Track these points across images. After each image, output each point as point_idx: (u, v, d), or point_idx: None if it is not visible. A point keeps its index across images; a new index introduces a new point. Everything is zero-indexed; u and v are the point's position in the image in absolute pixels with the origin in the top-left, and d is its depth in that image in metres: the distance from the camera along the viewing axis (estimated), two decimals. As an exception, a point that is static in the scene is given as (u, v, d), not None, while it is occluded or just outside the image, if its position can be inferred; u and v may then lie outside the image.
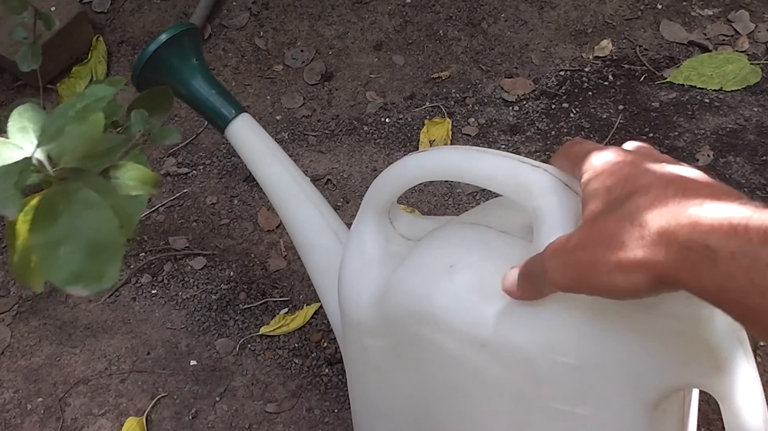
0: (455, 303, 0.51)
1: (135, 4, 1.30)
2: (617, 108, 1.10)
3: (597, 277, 0.39)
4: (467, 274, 0.51)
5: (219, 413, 0.86)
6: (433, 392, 0.57)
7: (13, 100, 1.19)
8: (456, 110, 1.12)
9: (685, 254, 0.36)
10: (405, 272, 0.55)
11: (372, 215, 0.59)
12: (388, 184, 0.57)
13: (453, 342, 0.52)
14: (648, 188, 0.38)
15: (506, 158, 0.51)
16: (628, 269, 0.38)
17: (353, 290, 0.59)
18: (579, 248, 0.40)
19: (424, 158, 0.55)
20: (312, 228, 0.67)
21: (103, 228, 0.31)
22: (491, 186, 0.51)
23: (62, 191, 0.31)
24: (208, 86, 0.68)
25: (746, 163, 1.02)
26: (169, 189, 1.07)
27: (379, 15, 1.24)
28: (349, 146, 1.10)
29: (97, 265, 0.31)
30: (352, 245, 0.60)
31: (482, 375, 0.51)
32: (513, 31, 1.21)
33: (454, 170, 0.53)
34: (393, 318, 0.55)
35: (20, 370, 0.91)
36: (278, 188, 0.68)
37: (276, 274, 0.97)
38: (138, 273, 0.98)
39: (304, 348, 0.90)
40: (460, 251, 0.53)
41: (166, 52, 0.66)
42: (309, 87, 1.18)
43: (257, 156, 0.68)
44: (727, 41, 1.16)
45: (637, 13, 1.21)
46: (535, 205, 0.48)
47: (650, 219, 0.37)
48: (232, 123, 0.68)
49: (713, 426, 0.79)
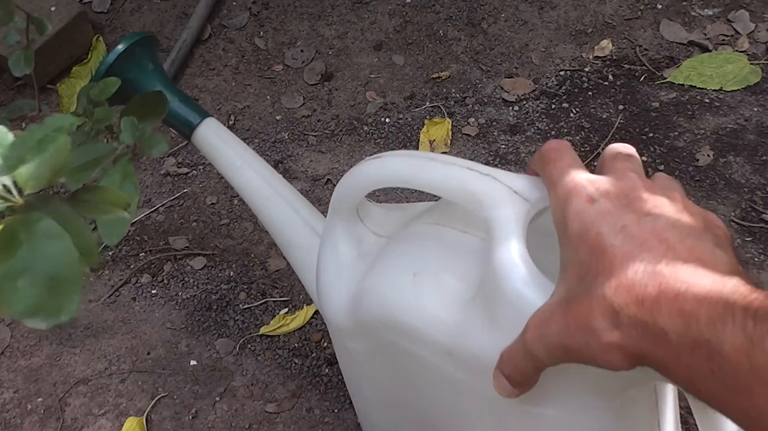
0: (419, 313, 0.51)
1: (135, 4, 1.30)
2: (617, 108, 1.10)
3: (581, 356, 0.40)
4: (430, 282, 0.51)
5: (219, 413, 0.86)
6: (413, 393, 0.57)
7: (13, 100, 1.19)
8: (456, 110, 1.12)
9: (652, 348, 0.37)
10: (372, 281, 0.55)
11: (340, 218, 0.59)
12: (348, 190, 0.57)
13: (422, 350, 0.52)
14: (611, 268, 0.38)
15: (455, 167, 0.50)
16: (606, 352, 0.39)
17: (330, 296, 0.59)
18: (560, 332, 0.41)
19: (376, 165, 0.54)
20: (289, 227, 0.67)
21: (62, 261, 0.31)
22: (444, 195, 0.51)
23: (23, 221, 0.31)
24: (169, 94, 0.67)
25: (746, 163, 1.02)
26: (169, 189, 1.07)
27: (379, 15, 1.24)
28: (349, 146, 1.10)
29: (55, 299, 0.30)
30: (325, 249, 0.60)
31: (453, 380, 0.52)
32: (513, 31, 1.21)
33: (406, 178, 0.53)
34: (367, 325, 0.56)
35: (20, 370, 0.91)
36: (250, 191, 0.67)
37: (276, 274, 0.97)
38: (138, 273, 0.98)
39: (304, 348, 0.90)
40: (423, 257, 0.53)
41: (121, 66, 0.65)
42: (309, 87, 1.18)
43: (226, 160, 0.67)
44: (727, 41, 1.16)
45: (637, 13, 1.21)
46: (486, 216, 0.48)
47: (617, 308, 0.37)
48: (198, 129, 0.67)
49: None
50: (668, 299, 0.36)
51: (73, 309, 0.31)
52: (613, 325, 0.38)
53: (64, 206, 0.33)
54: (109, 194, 0.35)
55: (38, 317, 0.31)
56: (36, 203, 0.33)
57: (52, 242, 0.31)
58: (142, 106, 0.48)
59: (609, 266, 0.39)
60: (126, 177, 0.43)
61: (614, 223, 0.40)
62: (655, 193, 0.42)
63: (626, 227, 0.40)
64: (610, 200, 0.41)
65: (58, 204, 0.33)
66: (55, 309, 0.31)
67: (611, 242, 0.39)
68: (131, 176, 0.43)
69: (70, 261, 0.31)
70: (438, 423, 0.58)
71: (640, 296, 0.37)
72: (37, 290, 0.31)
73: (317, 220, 0.67)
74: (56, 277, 0.31)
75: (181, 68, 1.21)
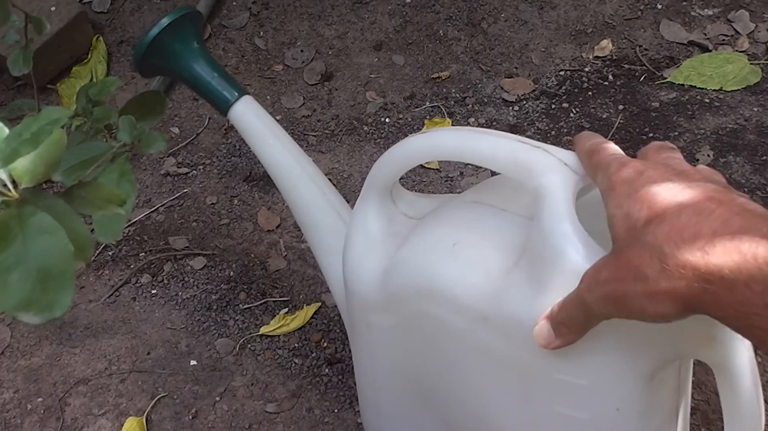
0: (459, 280, 0.52)
1: (135, 4, 1.30)
2: (617, 108, 1.10)
3: (631, 306, 0.41)
4: (470, 252, 0.53)
5: (219, 413, 0.86)
6: (438, 366, 0.58)
7: (13, 100, 1.19)
8: (456, 110, 1.12)
9: (704, 286, 0.37)
10: (409, 251, 0.56)
11: (375, 195, 0.60)
12: (390, 164, 0.58)
13: (456, 316, 0.53)
14: (663, 215, 0.40)
15: (506, 139, 0.52)
16: (656, 300, 0.40)
17: (358, 269, 0.60)
18: (611, 280, 0.42)
19: (425, 138, 0.56)
20: (315, 208, 0.68)
21: (55, 255, 0.31)
22: (491, 166, 0.52)
23: (17, 214, 0.31)
24: (209, 70, 0.68)
25: (746, 163, 1.02)
26: (169, 189, 1.07)
27: (379, 15, 1.24)
28: (349, 146, 1.10)
29: (47, 293, 0.30)
30: (356, 224, 0.61)
31: (485, 348, 0.53)
32: (513, 31, 1.21)
33: (454, 150, 0.54)
34: (397, 295, 0.56)
35: (20, 370, 0.91)
36: (281, 169, 0.68)
37: (276, 274, 0.97)
38: (138, 273, 0.98)
39: (304, 348, 0.90)
40: (463, 230, 0.54)
41: (167, 37, 0.66)
42: (309, 87, 1.18)
43: (260, 138, 0.68)
44: (727, 41, 1.16)
45: (637, 13, 1.21)
46: (536, 184, 0.49)
47: (668, 252, 0.39)
48: (235, 106, 0.68)
49: (713, 426, 0.79)
50: (723, 239, 0.37)
51: (66, 304, 0.31)
52: (662, 270, 0.39)
53: (58, 201, 0.33)
54: (104, 190, 0.35)
55: (31, 312, 0.31)
56: (31, 197, 0.33)
57: (46, 236, 0.31)
58: (140, 106, 0.48)
59: (659, 214, 0.40)
60: (123, 175, 0.43)
61: (663, 184, 0.42)
62: (701, 172, 0.44)
63: (675, 187, 0.41)
64: (657, 171, 0.43)
65: (53, 199, 0.33)
66: (48, 304, 0.31)
67: (661, 195, 0.41)
68: (128, 174, 0.43)
69: (64, 256, 0.31)
70: (457, 402, 0.59)
71: (693, 238, 0.38)
72: (29, 284, 0.31)
73: (343, 205, 0.68)
74: (49, 271, 0.31)
75: (181, 68, 1.21)
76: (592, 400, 0.51)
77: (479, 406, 0.57)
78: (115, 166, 0.39)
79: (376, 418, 0.71)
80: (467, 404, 0.58)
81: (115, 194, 0.34)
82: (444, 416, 0.61)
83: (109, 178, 0.41)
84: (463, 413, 0.59)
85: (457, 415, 0.60)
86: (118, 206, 0.34)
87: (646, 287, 0.40)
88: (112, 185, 0.41)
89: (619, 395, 0.50)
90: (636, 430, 0.52)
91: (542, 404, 0.53)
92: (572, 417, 0.52)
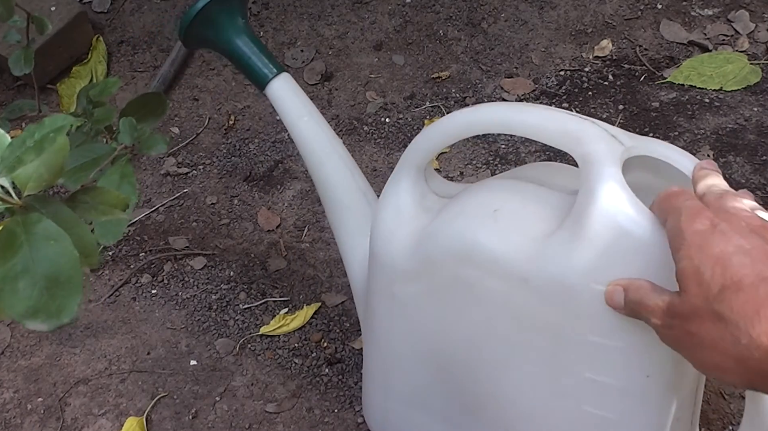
0: (500, 243, 0.53)
1: (135, 4, 1.30)
2: (617, 108, 1.10)
3: (691, 358, 0.42)
4: (512, 217, 0.54)
5: (219, 413, 0.86)
6: (463, 335, 0.59)
7: (13, 100, 1.19)
8: (456, 110, 1.12)
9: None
10: (448, 217, 0.57)
11: (409, 170, 0.61)
12: (433, 138, 0.59)
13: (495, 279, 0.54)
14: (739, 285, 0.39)
15: (554, 111, 0.54)
16: (724, 372, 0.39)
17: (388, 238, 0.61)
18: (683, 323, 0.42)
19: (471, 112, 0.57)
20: (342, 187, 0.69)
21: (61, 262, 0.31)
22: (539, 136, 0.53)
23: (23, 222, 0.31)
24: (252, 44, 0.69)
25: (746, 163, 1.02)
26: (169, 189, 1.07)
27: (379, 15, 1.24)
28: (349, 146, 1.10)
29: (55, 300, 0.30)
30: (389, 197, 0.62)
31: (521, 311, 0.53)
32: (513, 31, 1.21)
33: (503, 123, 0.55)
34: (432, 261, 0.57)
35: (20, 370, 0.91)
36: (314, 146, 0.69)
37: (276, 274, 0.97)
38: (138, 273, 0.98)
39: (304, 348, 0.90)
40: (504, 198, 0.55)
41: (215, 9, 0.67)
42: (309, 87, 1.18)
43: (295, 114, 0.69)
44: (727, 41, 1.16)
45: (637, 13, 1.21)
46: (584, 151, 0.50)
47: (743, 326, 0.38)
48: (273, 81, 0.69)
49: (713, 426, 0.79)
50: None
51: (73, 310, 0.31)
52: (734, 347, 0.38)
53: (63, 207, 0.34)
54: (108, 195, 0.35)
55: (39, 319, 0.31)
56: (35, 204, 0.33)
57: (51, 243, 0.31)
58: (141, 107, 0.48)
59: (736, 283, 0.39)
60: (124, 177, 0.43)
61: (738, 244, 0.40)
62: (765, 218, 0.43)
63: (750, 249, 0.40)
64: (731, 226, 0.42)
65: (58, 205, 0.33)
66: (56, 311, 0.31)
67: (737, 259, 0.39)
68: (130, 176, 0.43)
69: (71, 262, 0.31)
70: (477, 373, 0.59)
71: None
72: (37, 291, 0.31)
73: (369, 188, 0.70)
74: (56, 278, 0.31)
75: (181, 68, 1.21)
76: (624, 365, 0.52)
77: (501, 378, 0.58)
78: (116, 168, 0.39)
79: (382, 401, 0.71)
80: (487, 377, 0.59)
81: (119, 198, 0.34)
82: (459, 391, 0.62)
83: (110, 180, 0.41)
84: (480, 389, 0.60)
85: (474, 392, 0.60)
86: (121, 211, 0.34)
87: (713, 357, 0.39)
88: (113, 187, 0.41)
89: (652, 360, 0.51)
90: (662, 403, 0.53)
91: (571, 370, 0.53)
92: (602, 383, 0.53)
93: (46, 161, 0.32)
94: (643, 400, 0.53)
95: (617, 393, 0.53)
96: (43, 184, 0.32)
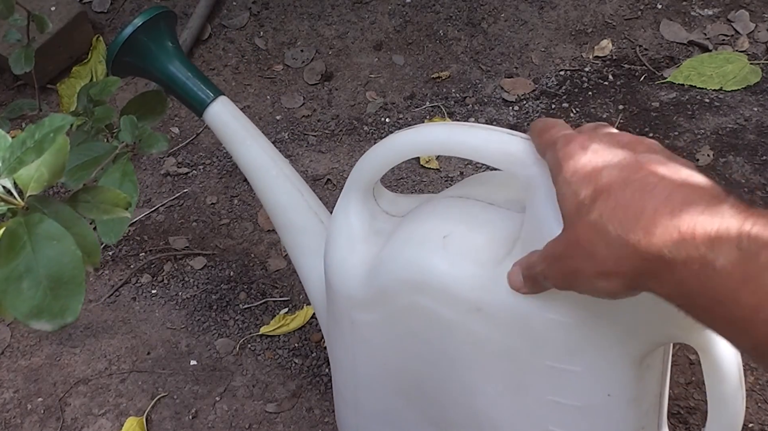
0: (450, 271, 0.52)
1: (135, 4, 1.30)
2: (617, 108, 1.10)
3: (582, 283, 0.43)
4: (461, 243, 0.53)
5: (219, 413, 0.86)
6: (425, 360, 0.58)
7: (13, 100, 1.19)
8: (456, 110, 1.12)
9: (647, 265, 0.38)
10: (397, 245, 0.56)
11: (357, 192, 0.60)
12: (376, 161, 0.57)
13: (448, 308, 0.53)
14: (608, 190, 0.40)
15: (495, 131, 0.52)
16: (604, 279, 0.41)
17: (341, 266, 0.60)
18: (563, 257, 0.43)
19: (412, 133, 0.55)
20: (293, 209, 0.68)
21: (64, 262, 0.31)
22: (481, 158, 0.52)
23: (25, 222, 0.31)
24: (185, 70, 0.67)
25: (746, 163, 1.02)
26: (169, 189, 1.07)
27: (379, 15, 1.24)
28: (349, 146, 1.10)
29: (59, 300, 0.31)
30: (338, 222, 0.61)
31: (477, 339, 0.53)
32: (513, 31, 1.21)
33: (443, 145, 0.54)
34: (385, 290, 0.56)
35: (20, 370, 0.91)
36: (258, 170, 0.68)
37: (276, 274, 0.97)
38: (138, 273, 0.98)
39: (304, 348, 0.90)
40: (452, 222, 0.54)
41: (142, 36, 0.65)
42: (309, 87, 1.18)
43: (236, 139, 0.68)
44: (727, 41, 1.16)
45: (637, 13, 1.21)
46: (529, 173, 0.49)
47: (612, 230, 0.39)
48: (211, 106, 0.67)
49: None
50: (663, 218, 0.38)
51: (77, 310, 0.31)
52: (608, 249, 0.40)
53: (65, 207, 0.34)
54: (109, 194, 0.35)
55: (43, 319, 0.31)
56: (37, 204, 0.33)
57: (54, 243, 0.31)
58: (141, 106, 0.48)
59: (606, 189, 0.41)
60: (125, 176, 0.43)
61: (608, 157, 0.42)
62: (645, 143, 0.45)
63: (619, 161, 0.42)
64: (602, 144, 0.44)
65: (59, 205, 0.33)
66: (60, 310, 0.31)
67: (606, 171, 0.41)
68: (130, 175, 0.43)
69: (73, 262, 0.31)
70: (444, 396, 0.59)
71: (635, 218, 0.39)
72: (41, 291, 0.31)
73: (320, 207, 0.68)
74: (59, 278, 0.31)
75: (181, 68, 1.21)
76: (584, 387, 0.52)
77: (469, 399, 0.57)
78: (117, 166, 0.38)
79: (353, 418, 0.70)
80: (456, 398, 0.58)
81: (121, 197, 0.34)
82: (428, 412, 0.61)
83: (112, 179, 0.41)
84: (449, 407, 0.59)
85: (443, 410, 0.60)
86: (123, 210, 0.34)
87: (594, 265, 0.41)
88: (114, 185, 0.41)
89: (611, 380, 0.51)
90: (626, 417, 0.53)
91: (534, 393, 0.53)
92: (564, 404, 0.53)
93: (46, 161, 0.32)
94: (606, 417, 0.53)
95: (580, 413, 0.53)
96: (45, 184, 0.32)
